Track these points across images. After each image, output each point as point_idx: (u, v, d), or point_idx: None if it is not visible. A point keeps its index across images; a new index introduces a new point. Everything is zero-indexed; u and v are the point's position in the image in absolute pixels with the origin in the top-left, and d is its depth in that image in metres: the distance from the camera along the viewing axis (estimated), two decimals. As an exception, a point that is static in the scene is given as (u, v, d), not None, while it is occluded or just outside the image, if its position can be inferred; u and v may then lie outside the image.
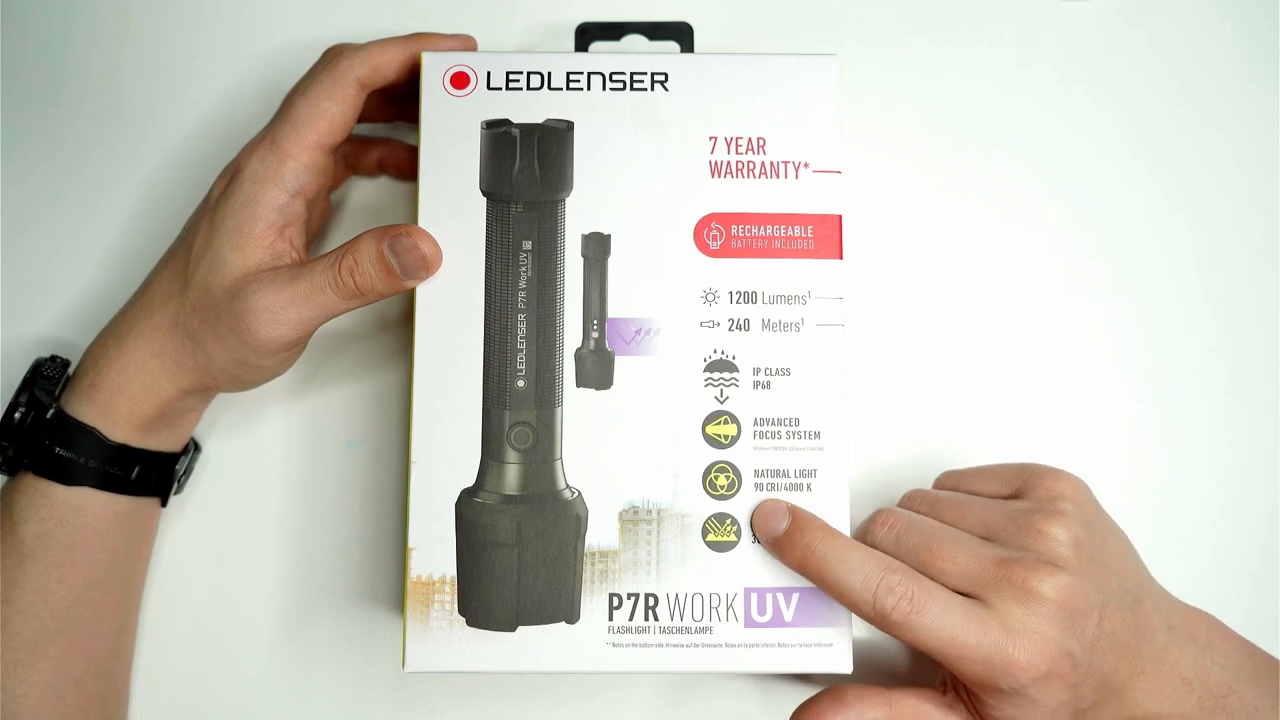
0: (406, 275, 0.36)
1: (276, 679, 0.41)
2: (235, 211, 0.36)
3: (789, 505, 0.35)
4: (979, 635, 0.32)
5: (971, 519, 0.35)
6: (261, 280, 0.35)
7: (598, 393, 0.36)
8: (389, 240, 0.35)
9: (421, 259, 0.36)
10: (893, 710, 0.34)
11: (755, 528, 0.35)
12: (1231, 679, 0.34)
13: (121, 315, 0.38)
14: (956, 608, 0.32)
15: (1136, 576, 0.35)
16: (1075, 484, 0.35)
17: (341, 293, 0.35)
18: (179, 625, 0.41)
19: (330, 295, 0.35)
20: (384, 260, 0.35)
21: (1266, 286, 0.44)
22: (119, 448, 0.37)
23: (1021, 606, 0.32)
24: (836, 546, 0.34)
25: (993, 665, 0.31)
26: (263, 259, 0.36)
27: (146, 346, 0.37)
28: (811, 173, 0.37)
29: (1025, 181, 0.45)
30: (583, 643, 0.35)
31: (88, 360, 0.38)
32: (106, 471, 0.37)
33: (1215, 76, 0.46)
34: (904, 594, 0.32)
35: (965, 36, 0.46)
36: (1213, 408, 0.44)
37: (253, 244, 0.36)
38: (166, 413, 0.38)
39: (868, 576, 0.33)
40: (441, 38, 0.39)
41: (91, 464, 0.37)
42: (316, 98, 0.37)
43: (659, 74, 0.38)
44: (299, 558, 0.42)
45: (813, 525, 0.34)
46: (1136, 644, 0.34)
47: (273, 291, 0.35)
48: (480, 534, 0.35)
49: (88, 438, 0.37)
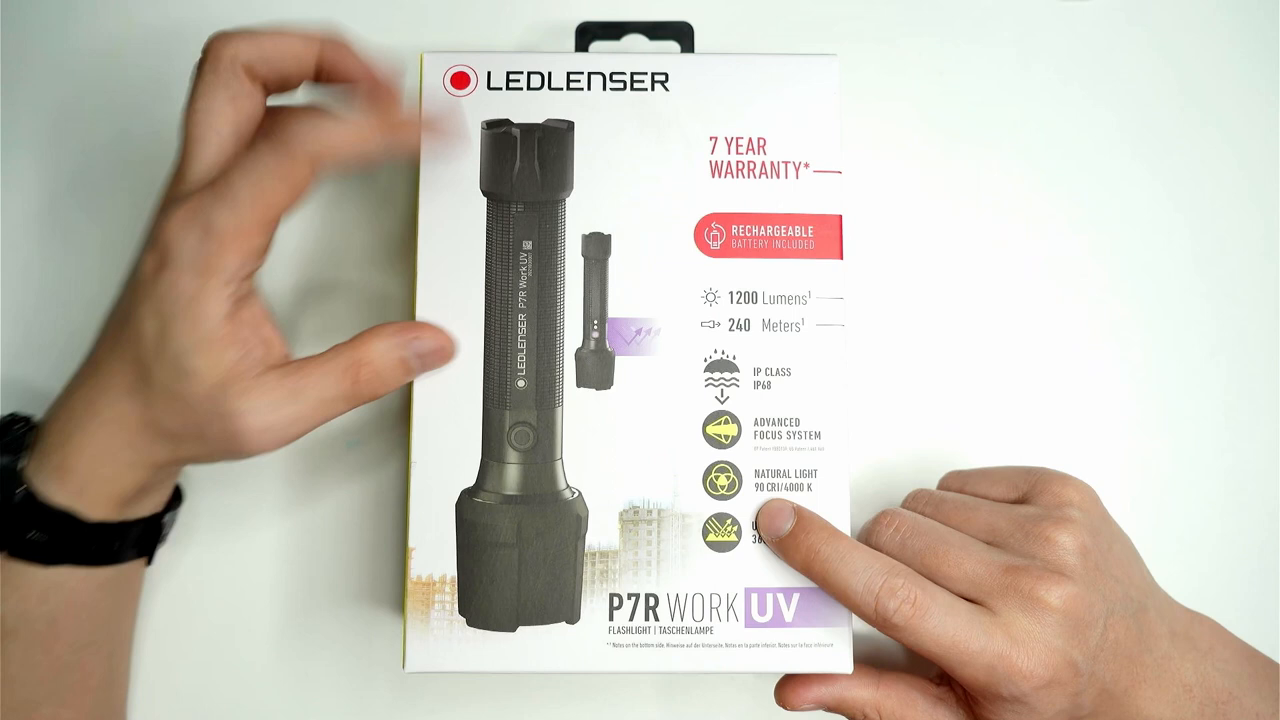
0: (426, 371, 0.35)
1: (276, 679, 0.41)
2: (181, 310, 0.31)
3: (794, 506, 0.35)
4: (982, 642, 0.32)
5: (978, 523, 0.35)
6: (251, 395, 0.32)
7: (598, 393, 0.36)
8: (411, 345, 0.34)
9: (444, 357, 0.35)
10: (879, 691, 0.35)
11: (760, 527, 0.35)
12: (1232, 685, 0.34)
13: (77, 389, 0.34)
14: (960, 613, 0.32)
15: (1141, 584, 0.35)
16: (1083, 490, 0.35)
17: (357, 401, 0.33)
18: (179, 625, 0.41)
19: (342, 405, 0.33)
20: (406, 365, 0.34)
21: (1266, 286, 0.44)
22: (98, 526, 0.34)
23: (1026, 615, 0.32)
24: (840, 548, 0.34)
25: (995, 672, 0.31)
26: (234, 360, 0.32)
27: (116, 437, 0.33)
28: (812, 173, 0.37)
29: (1025, 181, 0.45)
30: (583, 643, 0.35)
31: (53, 437, 0.34)
32: (87, 549, 0.34)
33: (1215, 76, 0.46)
34: (907, 597, 0.32)
35: (965, 36, 0.46)
36: (1213, 408, 0.44)
37: (215, 345, 0.32)
38: (147, 487, 0.35)
39: (870, 579, 0.33)
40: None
41: (69, 544, 0.34)
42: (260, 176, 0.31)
43: (659, 74, 0.38)
44: (299, 557, 0.42)
45: (817, 526, 0.34)
46: (1139, 652, 0.34)
47: (270, 409, 0.32)
48: (480, 534, 0.35)
49: (63, 521, 0.33)
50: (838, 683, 0.35)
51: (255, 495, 0.42)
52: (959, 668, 0.32)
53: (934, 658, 0.32)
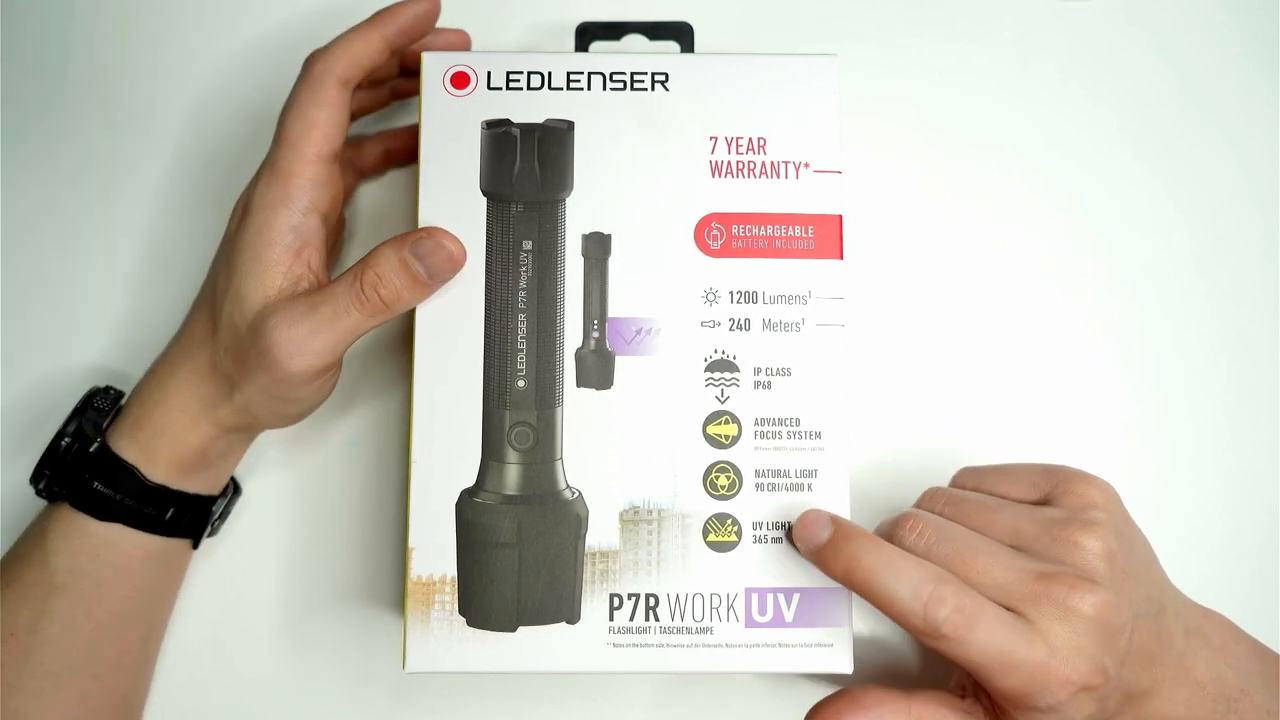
0: (433, 278, 0.35)
1: (276, 679, 0.41)
2: (249, 241, 0.36)
3: (831, 515, 0.34)
4: (1025, 651, 0.31)
5: (1002, 526, 0.34)
6: (280, 311, 0.35)
7: (598, 393, 0.36)
8: (410, 245, 0.35)
9: (448, 258, 0.35)
10: (911, 715, 0.34)
11: (796, 538, 0.34)
12: (1244, 681, 0.34)
13: (165, 355, 0.38)
14: (1006, 623, 0.31)
15: (1159, 583, 0.35)
16: (1105, 490, 0.34)
17: (366, 310, 0.35)
18: (179, 625, 0.41)
19: (355, 315, 0.34)
20: (408, 268, 0.35)
21: (1266, 286, 0.44)
22: (157, 488, 0.37)
23: (1062, 623, 0.31)
24: (883, 555, 0.32)
25: (1035, 681, 0.31)
26: (281, 285, 0.35)
27: (189, 389, 0.37)
28: (812, 173, 0.37)
29: (1025, 181, 0.45)
30: (583, 643, 0.35)
31: (134, 398, 0.38)
32: (141, 510, 0.37)
33: (1215, 76, 0.46)
34: (956, 606, 0.31)
35: (965, 36, 0.46)
36: (1213, 408, 0.44)
37: (269, 271, 0.35)
38: (208, 453, 0.38)
39: (918, 587, 0.31)
40: (403, 6, 0.38)
41: (127, 502, 0.37)
42: (303, 109, 0.36)
43: (659, 74, 0.38)
44: (299, 558, 0.42)
45: (857, 534, 0.33)
46: (1159, 652, 0.33)
47: (293, 322, 0.34)
48: (481, 534, 0.35)
49: (127, 475, 0.37)
50: (870, 710, 0.33)
51: (255, 495, 0.42)
52: (999, 678, 0.31)
53: (975, 667, 0.31)
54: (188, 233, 0.44)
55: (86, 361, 0.43)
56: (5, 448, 0.43)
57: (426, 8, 0.38)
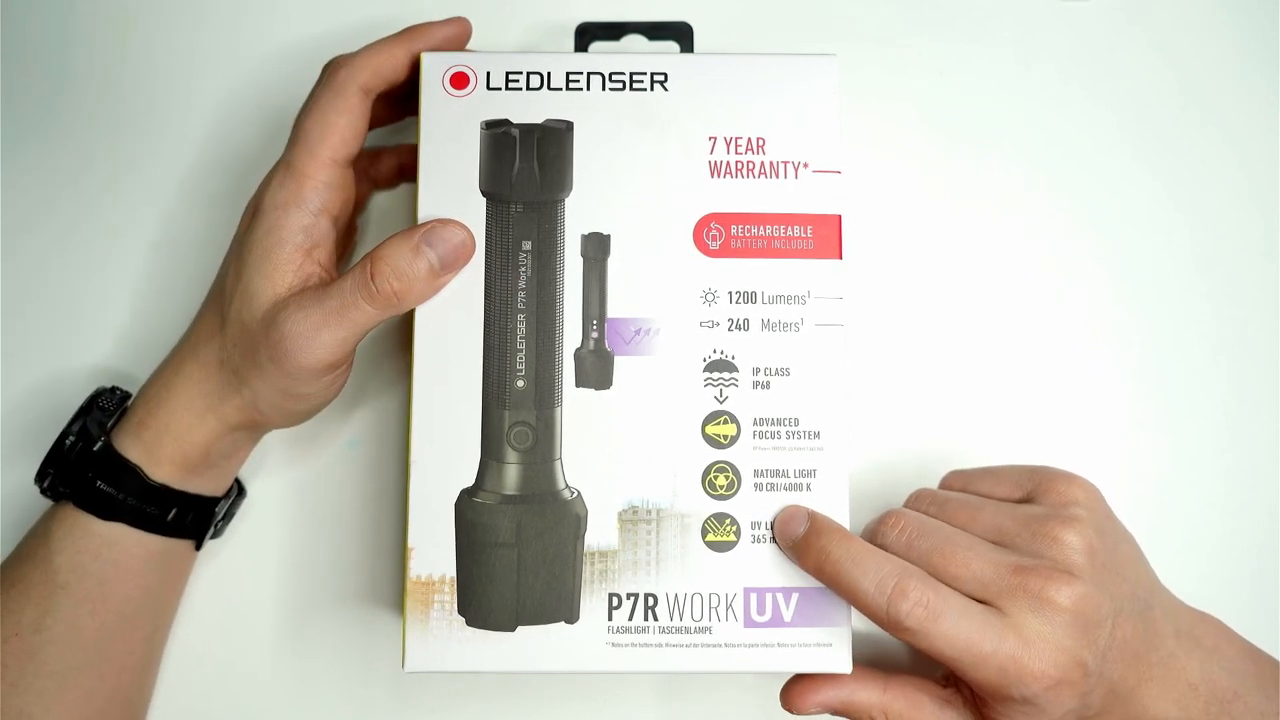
0: (445, 268, 0.35)
1: (276, 679, 0.41)
2: (260, 240, 0.36)
3: (809, 510, 0.35)
4: (994, 643, 0.31)
5: (983, 523, 0.35)
6: (291, 305, 0.35)
7: (597, 393, 0.36)
8: (423, 235, 0.35)
9: (460, 245, 0.35)
10: (886, 694, 0.35)
11: (776, 533, 0.35)
12: (1237, 683, 0.34)
13: (172, 355, 0.38)
14: (973, 615, 0.32)
15: (1147, 582, 0.35)
16: (1088, 488, 0.35)
17: (376, 302, 0.34)
18: (179, 625, 0.41)
19: (364, 308, 0.34)
20: (422, 257, 0.35)
21: (1266, 286, 0.44)
22: (159, 488, 0.37)
23: (1036, 615, 0.32)
24: (851, 550, 0.33)
25: (1007, 674, 0.31)
26: (291, 283, 0.36)
27: (195, 386, 0.37)
28: (811, 173, 0.37)
29: (1025, 181, 0.45)
30: (582, 643, 0.35)
31: (140, 398, 0.38)
32: (143, 510, 0.37)
33: (1215, 76, 0.46)
34: (919, 600, 0.32)
35: (965, 36, 0.46)
36: (1213, 408, 0.44)
37: (280, 270, 0.35)
38: (212, 452, 0.38)
39: (882, 581, 0.32)
40: (434, 26, 0.38)
41: (130, 501, 0.37)
42: (323, 113, 0.36)
43: (659, 74, 0.38)
44: (299, 557, 0.42)
45: (829, 529, 0.34)
46: (1146, 650, 0.34)
47: (303, 315, 0.34)
48: (480, 534, 0.35)
49: (130, 475, 0.37)
50: (844, 685, 0.35)
51: (255, 495, 0.43)
52: (971, 670, 0.32)
53: (945, 660, 0.32)
54: (191, 234, 0.44)
55: (91, 363, 0.43)
56: (9, 449, 0.43)
57: (457, 30, 0.39)
